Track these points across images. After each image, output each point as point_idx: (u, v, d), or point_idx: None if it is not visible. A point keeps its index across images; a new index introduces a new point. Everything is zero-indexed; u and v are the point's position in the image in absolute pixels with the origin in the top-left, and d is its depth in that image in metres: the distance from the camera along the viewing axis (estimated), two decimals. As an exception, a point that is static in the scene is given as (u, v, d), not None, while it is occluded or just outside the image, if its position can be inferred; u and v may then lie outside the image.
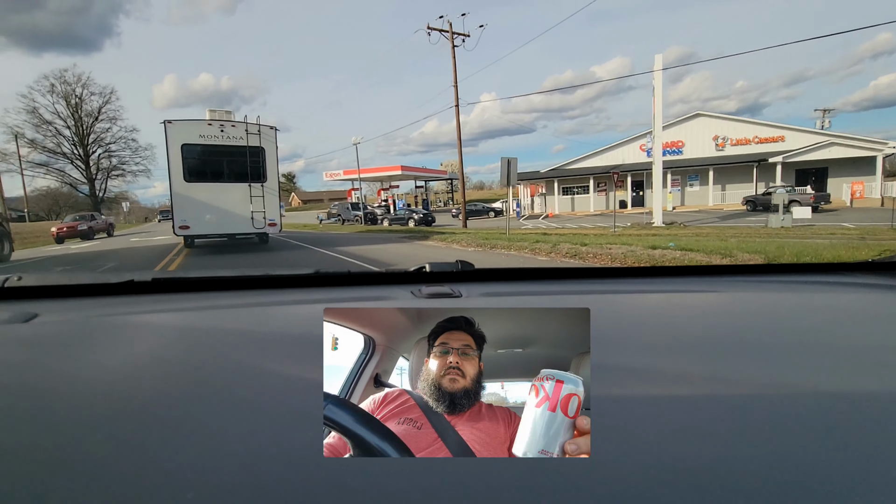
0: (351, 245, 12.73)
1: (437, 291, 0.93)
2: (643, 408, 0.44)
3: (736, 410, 0.44)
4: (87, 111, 45.53)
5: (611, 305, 0.89)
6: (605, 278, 1.15)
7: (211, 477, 0.33)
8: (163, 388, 0.50)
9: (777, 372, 0.53)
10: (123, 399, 0.46)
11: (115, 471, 0.34)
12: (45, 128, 43.21)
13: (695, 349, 0.62)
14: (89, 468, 0.35)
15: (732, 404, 0.45)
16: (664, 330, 0.72)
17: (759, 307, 0.88)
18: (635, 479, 0.33)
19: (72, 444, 0.38)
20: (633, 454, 0.36)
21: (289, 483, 0.33)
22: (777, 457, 0.36)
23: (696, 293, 0.99)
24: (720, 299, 0.95)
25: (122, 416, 0.43)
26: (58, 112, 44.05)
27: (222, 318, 0.81)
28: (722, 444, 0.38)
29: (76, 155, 45.97)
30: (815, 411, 0.44)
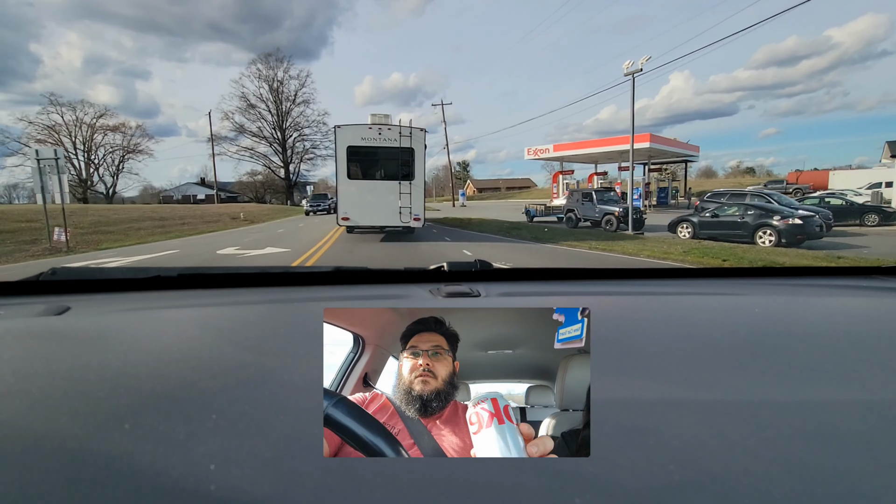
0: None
1: (456, 290, 0.93)
2: (646, 411, 0.44)
3: (738, 416, 0.43)
4: (286, 95, 49.94)
5: (637, 305, 0.88)
6: (638, 279, 1.11)
7: (233, 468, 0.34)
8: (187, 381, 0.51)
9: (782, 378, 0.51)
10: (149, 391, 0.48)
11: (140, 460, 0.36)
12: (251, 112, 48.37)
13: (705, 353, 0.61)
14: (116, 457, 0.36)
15: (734, 409, 0.44)
16: (684, 333, 0.71)
17: (772, 310, 0.85)
18: (634, 480, 0.33)
19: (99, 435, 0.39)
20: (632, 456, 0.36)
21: (309, 480, 0.33)
22: (780, 464, 0.35)
23: (720, 296, 0.97)
24: (742, 302, 0.92)
25: (148, 408, 0.44)
26: (261, 96, 48.96)
27: (246, 313, 0.83)
28: (723, 448, 0.38)
29: (275, 138, 50.45)
30: (817, 419, 0.42)
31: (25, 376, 0.52)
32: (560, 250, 10.92)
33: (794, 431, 0.40)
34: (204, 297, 0.95)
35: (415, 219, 12.74)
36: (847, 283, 1.04)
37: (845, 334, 0.70)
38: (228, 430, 0.40)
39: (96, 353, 0.61)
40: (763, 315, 0.81)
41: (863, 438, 0.39)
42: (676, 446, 0.38)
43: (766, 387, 0.49)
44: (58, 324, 0.74)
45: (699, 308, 0.89)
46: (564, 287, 1.03)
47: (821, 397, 0.47)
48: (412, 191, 12.63)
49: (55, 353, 0.61)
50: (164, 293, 0.98)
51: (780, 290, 1.00)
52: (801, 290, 1.01)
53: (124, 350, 0.62)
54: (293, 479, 0.34)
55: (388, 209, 12.69)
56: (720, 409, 0.44)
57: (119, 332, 0.70)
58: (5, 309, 0.81)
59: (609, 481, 0.33)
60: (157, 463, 0.35)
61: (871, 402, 0.46)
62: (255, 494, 0.32)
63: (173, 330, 0.72)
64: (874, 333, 0.71)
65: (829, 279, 1.11)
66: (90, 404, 0.45)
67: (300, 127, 52.01)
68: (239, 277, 1.08)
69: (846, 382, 0.51)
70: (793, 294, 0.98)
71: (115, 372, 0.53)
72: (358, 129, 12.53)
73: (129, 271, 1.08)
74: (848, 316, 0.82)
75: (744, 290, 0.99)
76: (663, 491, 0.32)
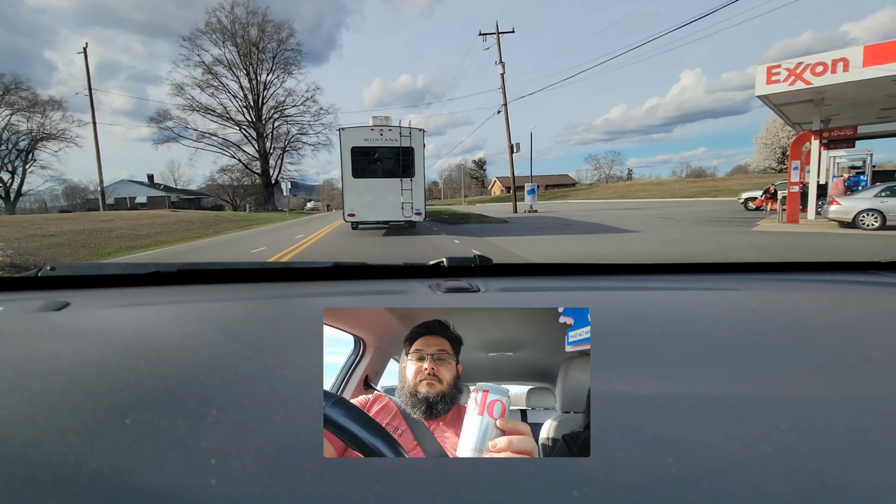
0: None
1: (456, 286, 0.93)
2: (645, 406, 0.44)
3: (736, 410, 0.43)
4: (262, 60, 32.96)
5: (637, 300, 0.88)
6: (639, 274, 1.12)
7: (234, 463, 0.35)
8: (187, 376, 0.51)
9: (781, 373, 0.52)
10: (149, 386, 0.48)
11: (141, 455, 0.36)
12: (210, 80, 31.12)
13: (703, 348, 0.61)
14: (117, 453, 0.36)
15: (733, 404, 0.44)
16: (683, 328, 0.71)
17: (771, 306, 0.85)
18: (632, 474, 0.34)
19: (100, 430, 0.39)
20: (630, 451, 0.36)
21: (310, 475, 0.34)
22: (778, 458, 0.36)
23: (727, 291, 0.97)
24: (741, 297, 0.92)
25: (148, 403, 0.44)
26: (228, 61, 31.56)
27: (245, 308, 0.83)
28: (721, 443, 0.38)
29: (247, 121, 33.38)
30: (815, 414, 0.43)
31: (25, 372, 0.52)
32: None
33: (792, 426, 0.41)
34: (203, 292, 0.95)
35: (416, 213, 13.56)
36: (846, 279, 1.05)
37: (844, 330, 0.71)
38: (229, 426, 0.40)
39: (96, 348, 0.61)
40: (762, 310, 0.81)
41: (860, 433, 0.40)
42: (674, 441, 0.38)
43: (764, 382, 0.50)
44: (57, 319, 0.73)
45: (698, 303, 0.89)
46: (564, 282, 1.03)
47: (819, 392, 0.48)
48: (413, 187, 13.45)
49: (54, 348, 0.61)
50: (164, 288, 0.98)
51: (779, 286, 1.00)
52: (800, 286, 1.01)
53: (124, 345, 0.62)
54: (293, 474, 0.34)
55: (392, 205, 13.49)
56: (718, 403, 0.45)
57: (118, 328, 0.70)
58: (4, 304, 0.81)
59: (607, 476, 0.33)
60: (158, 458, 0.36)
61: (869, 398, 0.47)
62: (255, 489, 0.32)
63: (173, 325, 0.72)
64: (872, 329, 0.72)
65: (828, 274, 1.11)
66: (90, 400, 0.45)
67: (282, 107, 35.97)
68: (238, 273, 1.08)
69: (844, 378, 0.51)
70: (791, 289, 0.98)
71: (114, 367, 0.54)
72: (361, 130, 13.42)
73: (129, 267, 1.08)
74: (846, 311, 0.82)
75: (742, 285, 1.00)
76: (661, 485, 0.33)
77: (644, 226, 13.90)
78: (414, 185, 13.51)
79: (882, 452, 0.37)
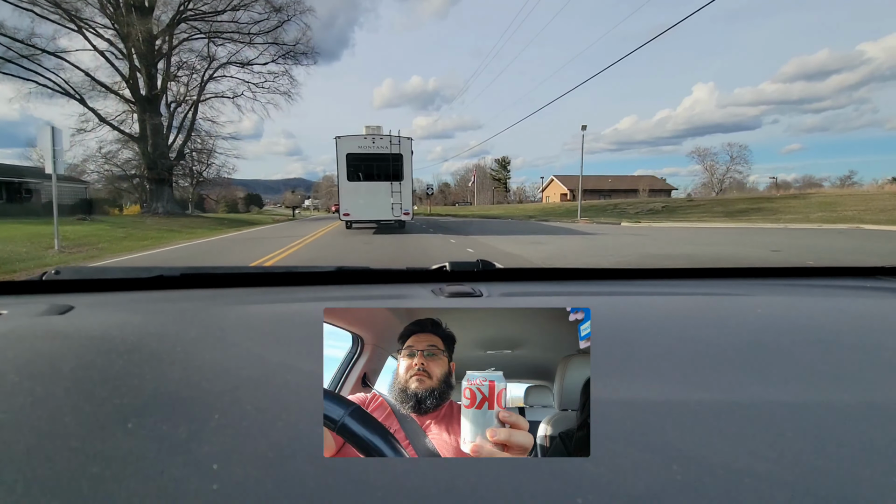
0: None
1: (459, 290, 0.93)
2: (649, 413, 0.44)
3: (740, 416, 0.43)
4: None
5: (642, 306, 0.87)
6: (643, 279, 1.11)
7: (236, 468, 0.35)
8: (190, 381, 0.51)
9: (784, 379, 0.51)
10: (152, 390, 0.48)
11: (143, 460, 0.36)
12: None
13: (706, 353, 0.61)
14: (119, 457, 0.36)
15: (736, 410, 0.44)
16: (685, 333, 0.70)
17: (776, 311, 0.85)
18: (636, 480, 0.33)
19: (102, 434, 0.40)
20: (634, 457, 0.36)
21: (308, 478, 0.34)
22: (782, 465, 0.36)
23: (732, 296, 0.96)
24: (744, 302, 0.91)
25: (151, 407, 0.45)
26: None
27: (248, 313, 0.83)
28: (725, 449, 0.38)
29: (119, 52, 17.80)
30: (819, 420, 0.43)
31: (29, 376, 0.52)
32: None
33: (796, 432, 0.40)
34: (206, 296, 0.95)
35: (404, 213, 15.30)
36: (850, 284, 1.04)
37: (848, 335, 0.70)
38: (231, 430, 0.40)
39: (99, 352, 0.61)
40: (765, 316, 0.81)
41: (865, 440, 0.39)
42: (678, 447, 0.38)
43: (767, 387, 0.49)
44: (61, 323, 0.74)
45: (701, 308, 0.89)
46: (566, 287, 1.02)
47: (823, 398, 0.47)
48: (402, 189, 15.16)
49: (58, 352, 0.61)
50: (168, 292, 0.99)
51: (782, 291, 1.00)
52: (803, 291, 1.00)
53: (127, 349, 0.62)
54: (295, 478, 0.34)
55: (383, 206, 15.15)
56: (722, 409, 0.44)
57: (122, 332, 0.71)
58: (9, 308, 0.81)
59: (611, 482, 0.33)
60: (160, 462, 0.36)
61: (874, 404, 0.46)
62: (257, 494, 0.32)
63: (176, 329, 0.72)
64: (876, 334, 0.71)
65: (832, 280, 1.10)
66: (93, 403, 0.45)
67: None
68: (241, 277, 1.08)
69: (848, 383, 0.51)
70: (794, 294, 0.98)
71: (117, 371, 0.54)
72: (355, 138, 15.19)
73: (132, 271, 1.08)
74: (850, 317, 0.82)
75: (746, 290, 0.99)
76: (665, 491, 0.32)
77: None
78: (403, 188, 15.14)
79: (890, 459, 0.37)
